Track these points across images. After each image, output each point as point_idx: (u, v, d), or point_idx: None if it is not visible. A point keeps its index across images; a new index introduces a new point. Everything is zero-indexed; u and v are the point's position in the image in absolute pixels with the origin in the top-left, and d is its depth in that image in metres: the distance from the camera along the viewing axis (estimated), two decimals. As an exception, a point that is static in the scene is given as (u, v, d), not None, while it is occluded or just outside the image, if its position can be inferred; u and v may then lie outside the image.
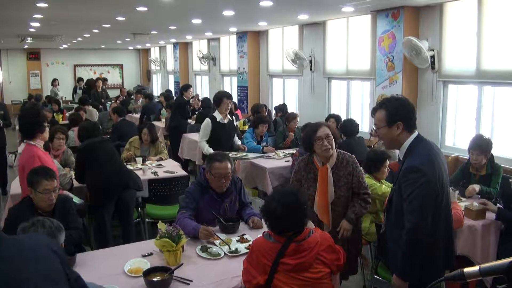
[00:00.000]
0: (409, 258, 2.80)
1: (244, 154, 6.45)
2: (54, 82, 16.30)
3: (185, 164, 8.56)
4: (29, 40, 14.21)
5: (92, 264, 3.08)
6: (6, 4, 7.32)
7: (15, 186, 5.38)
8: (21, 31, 12.02)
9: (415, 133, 2.92)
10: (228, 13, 8.43)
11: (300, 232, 2.79)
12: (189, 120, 9.56)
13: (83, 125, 5.46)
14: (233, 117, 6.63)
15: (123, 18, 9.11)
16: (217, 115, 6.15)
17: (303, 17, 9.12)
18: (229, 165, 3.80)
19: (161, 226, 3.20)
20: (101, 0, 7.24)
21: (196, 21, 9.73)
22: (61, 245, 2.33)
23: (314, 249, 2.76)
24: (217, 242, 3.45)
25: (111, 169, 4.93)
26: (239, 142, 6.62)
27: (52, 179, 3.52)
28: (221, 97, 6.13)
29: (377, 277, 3.97)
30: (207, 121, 6.16)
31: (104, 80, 15.61)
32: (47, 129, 4.15)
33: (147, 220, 5.36)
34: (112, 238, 4.96)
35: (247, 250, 3.27)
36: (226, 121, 6.22)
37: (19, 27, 11.03)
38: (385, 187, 4.50)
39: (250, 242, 3.41)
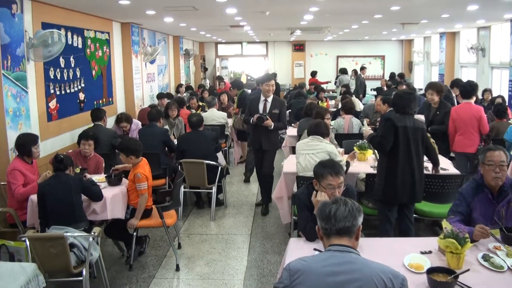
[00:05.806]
0: None
1: None
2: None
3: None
4: (297, 32, 15.15)
5: (372, 250, 3.15)
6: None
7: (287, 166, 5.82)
8: (293, 24, 12.86)
9: None
10: (513, -5, 7.49)
11: None
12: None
13: (400, 93, 4.73)
14: None
15: (398, 8, 8.95)
16: None
17: None
18: (502, 154, 3.46)
19: (446, 224, 3.03)
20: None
21: (472, 7, 8.92)
22: (359, 227, 2.36)
23: None
24: (500, 253, 3.10)
25: (412, 165, 4.48)
26: None
27: (338, 175, 3.47)
28: None
29: None
30: None
31: (362, 68, 16.00)
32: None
33: (414, 216, 5.08)
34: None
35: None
36: None
37: (292, 21, 11.84)
38: None
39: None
